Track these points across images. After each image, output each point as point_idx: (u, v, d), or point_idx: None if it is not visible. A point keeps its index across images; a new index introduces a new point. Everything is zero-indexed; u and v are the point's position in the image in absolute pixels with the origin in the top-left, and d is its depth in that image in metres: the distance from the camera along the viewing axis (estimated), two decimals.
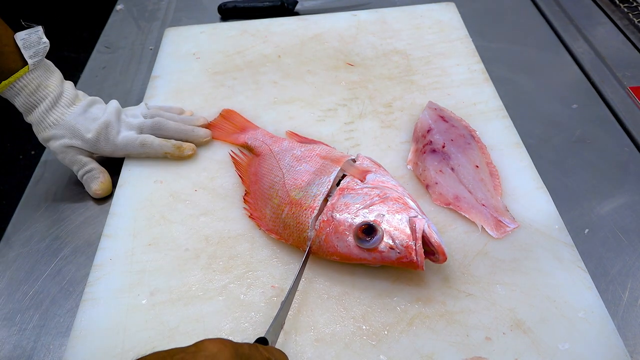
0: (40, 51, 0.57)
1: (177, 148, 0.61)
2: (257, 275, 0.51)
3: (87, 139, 0.58)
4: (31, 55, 0.56)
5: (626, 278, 0.51)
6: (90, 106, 0.60)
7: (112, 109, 0.61)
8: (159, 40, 0.84)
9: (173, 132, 0.62)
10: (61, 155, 0.59)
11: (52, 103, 0.58)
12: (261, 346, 0.38)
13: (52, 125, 0.58)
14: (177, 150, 0.61)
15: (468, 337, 0.45)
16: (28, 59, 0.55)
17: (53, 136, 0.58)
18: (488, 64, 0.74)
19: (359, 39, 0.81)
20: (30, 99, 0.57)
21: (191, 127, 0.64)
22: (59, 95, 0.58)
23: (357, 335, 0.46)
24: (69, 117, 0.58)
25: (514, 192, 0.56)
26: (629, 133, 0.66)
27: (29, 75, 0.56)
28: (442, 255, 0.45)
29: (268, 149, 0.60)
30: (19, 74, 0.55)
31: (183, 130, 0.63)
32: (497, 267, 0.50)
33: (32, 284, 0.54)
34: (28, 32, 0.56)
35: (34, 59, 0.56)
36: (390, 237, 0.46)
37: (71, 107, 0.59)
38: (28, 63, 0.55)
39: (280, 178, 0.55)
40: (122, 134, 0.60)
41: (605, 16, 0.87)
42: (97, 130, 0.59)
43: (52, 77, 0.59)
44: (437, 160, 0.58)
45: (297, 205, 0.51)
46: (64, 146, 0.58)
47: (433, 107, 0.65)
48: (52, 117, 0.58)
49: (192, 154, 0.62)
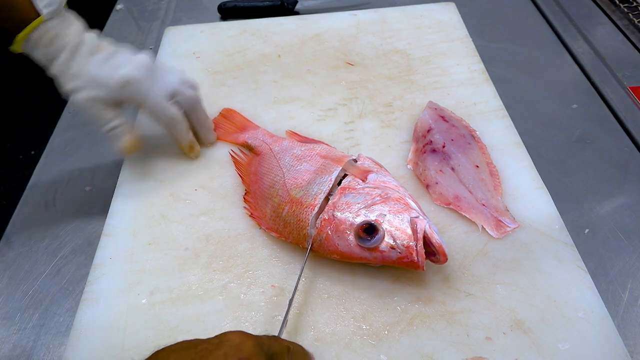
0: (54, 0, 0.53)
1: (190, 146, 0.60)
2: (257, 274, 0.51)
3: (112, 87, 0.53)
4: (45, 4, 0.52)
5: (626, 278, 0.51)
6: (115, 53, 0.55)
7: (143, 60, 0.55)
8: (158, 40, 0.84)
9: (198, 121, 0.60)
10: (85, 110, 0.54)
11: (71, 52, 0.53)
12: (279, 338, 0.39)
13: (73, 76, 0.53)
14: (188, 148, 0.60)
15: (468, 337, 0.45)
16: (42, 8, 0.52)
17: (74, 88, 0.54)
18: (488, 64, 0.74)
19: (359, 38, 0.81)
20: (47, 49, 0.53)
21: (211, 124, 0.62)
22: (78, 44, 0.54)
23: (357, 335, 0.46)
24: (91, 66, 0.54)
25: (514, 192, 0.56)
26: (629, 133, 0.66)
27: (45, 25, 0.52)
28: (443, 256, 0.45)
29: (268, 148, 0.60)
30: (34, 24, 0.52)
31: (206, 124, 0.61)
32: (498, 267, 0.50)
33: (32, 283, 0.54)
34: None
35: (48, 8, 0.52)
36: (391, 236, 0.46)
37: (93, 55, 0.54)
38: (42, 13, 0.52)
39: (281, 177, 0.55)
40: (155, 93, 0.55)
41: (605, 16, 0.87)
42: (122, 81, 0.54)
43: (71, 27, 0.54)
44: (437, 160, 0.58)
45: (297, 203, 0.51)
46: (87, 99, 0.54)
47: (433, 106, 0.65)
48: (73, 68, 0.53)
49: (194, 159, 0.61)
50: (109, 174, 0.63)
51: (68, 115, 0.75)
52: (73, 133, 0.71)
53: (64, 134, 0.71)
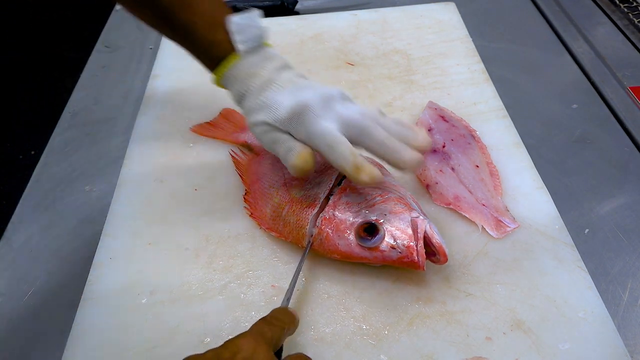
0: (253, 37, 0.51)
1: (356, 168, 0.47)
2: (257, 274, 0.51)
3: (279, 116, 0.49)
4: (242, 40, 0.50)
5: (626, 278, 0.51)
6: (304, 86, 0.51)
7: (322, 92, 0.50)
8: (158, 39, 0.84)
9: (376, 145, 0.48)
10: (262, 137, 0.51)
11: (261, 89, 0.51)
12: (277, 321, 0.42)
13: (255, 108, 0.51)
14: (354, 170, 0.47)
15: (468, 337, 0.45)
16: (240, 45, 0.50)
17: (255, 120, 0.51)
18: (488, 64, 0.74)
19: (359, 38, 0.81)
20: (240, 86, 0.51)
21: (401, 146, 0.48)
22: (269, 80, 0.51)
23: (358, 335, 0.46)
24: (270, 95, 0.50)
25: (514, 192, 0.56)
26: (629, 133, 0.66)
27: (241, 62, 0.50)
28: (443, 256, 0.46)
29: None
30: (230, 62, 0.50)
31: (389, 147, 0.48)
32: (497, 267, 0.50)
33: (32, 284, 0.54)
34: (242, 15, 0.51)
35: (245, 45, 0.50)
36: (391, 236, 0.46)
37: (281, 89, 0.50)
38: (239, 50, 0.50)
39: (281, 177, 0.55)
40: (322, 124, 0.49)
41: (605, 16, 0.87)
42: (292, 107, 0.49)
43: (268, 64, 0.51)
44: (437, 160, 0.58)
45: (298, 203, 0.51)
46: (260, 123, 0.50)
47: (433, 107, 0.65)
48: (258, 102, 0.51)
49: (370, 183, 0.46)
50: (109, 174, 0.63)
51: (68, 115, 0.75)
52: (73, 133, 0.71)
53: (64, 134, 0.71)
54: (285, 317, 0.42)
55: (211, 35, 0.50)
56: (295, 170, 0.48)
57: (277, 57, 0.52)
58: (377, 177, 0.46)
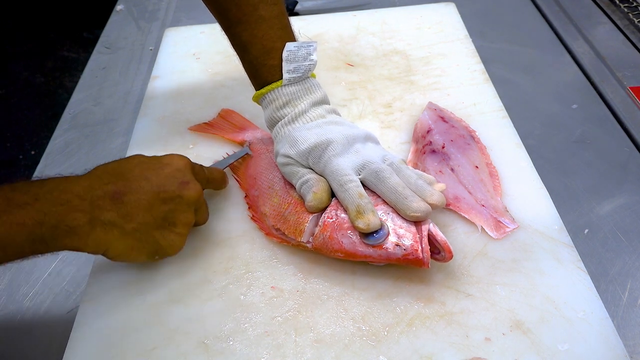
0: (301, 68, 0.52)
1: (357, 212, 0.47)
2: (256, 276, 0.51)
3: (299, 150, 0.51)
4: (290, 69, 0.52)
5: (626, 278, 0.51)
6: (326, 121, 0.53)
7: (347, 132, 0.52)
8: (159, 40, 0.84)
9: (387, 190, 0.48)
10: (283, 168, 0.53)
11: (291, 120, 0.53)
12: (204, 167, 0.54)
13: (282, 139, 0.53)
14: (355, 214, 0.47)
15: (467, 338, 0.45)
16: (285, 73, 0.52)
17: (279, 150, 0.53)
18: (488, 64, 0.74)
19: (359, 39, 0.81)
20: (276, 113, 0.53)
21: (412, 195, 0.47)
22: (302, 113, 0.53)
23: (357, 336, 0.46)
24: (297, 127, 0.52)
25: (514, 192, 0.56)
26: (629, 133, 0.66)
27: (282, 90, 0.52)
28: (449, 252, 0.46)
29: (266, 149, 0.60)
30: (271, 87, 0.52)
31: (400, 194, 0.47)
32: (497, 267, 0.50)
33: (33, 285, 0.54)
34: (298, 44, 0.52)
35: (290, 75, 0.52)
36: (395, 234, 0.46)
37: (306, 123, 0.52)
38: (283, 78, 0.52)
39: (280, 177, 0.55)
40: (339, 162, 0.50)
41: (605, 16, 0.87)
42: (315, 143, 0.50)
43: (307, 97, 0.53)
44: (436, 161, 0.58)
45: (298, 203, 0.51)
46: (283, 155, 0.52)
47: (433, 107, 0.65)
48: (286, 132, 0.53)
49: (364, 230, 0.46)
50: None
51: (68, 116, 0.75)
52: (73, 134, 0.71)
53: (64, 135, 0.71)
54: (216, 173, 0.55)
55: (264, 59, 0.52)
56: (311, 208, 0.50)
57: (316, 90, 0.55)
58: (372, 227, 0.46)
